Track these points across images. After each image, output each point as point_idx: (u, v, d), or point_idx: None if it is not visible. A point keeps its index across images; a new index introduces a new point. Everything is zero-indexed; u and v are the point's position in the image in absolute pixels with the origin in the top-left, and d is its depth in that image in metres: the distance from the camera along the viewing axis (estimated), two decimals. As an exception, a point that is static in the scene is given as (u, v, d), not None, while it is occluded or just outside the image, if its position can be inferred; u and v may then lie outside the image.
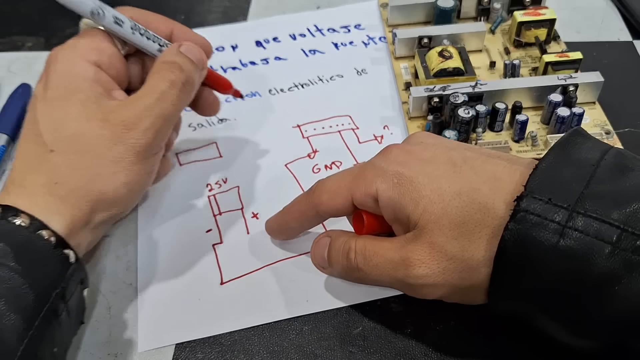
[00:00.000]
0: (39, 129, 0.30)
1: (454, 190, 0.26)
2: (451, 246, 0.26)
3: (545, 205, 0.24)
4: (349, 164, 0.39)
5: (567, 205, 0.23)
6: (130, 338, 0.32)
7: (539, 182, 0.24)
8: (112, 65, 0.32)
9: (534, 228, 0.23)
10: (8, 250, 0.26)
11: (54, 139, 0.29)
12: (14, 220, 0.27)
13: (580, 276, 0.23)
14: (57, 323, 0.27)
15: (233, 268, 0.34)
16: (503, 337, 0.30)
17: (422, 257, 0.27)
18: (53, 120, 0.30)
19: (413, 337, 0.31)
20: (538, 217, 0.23)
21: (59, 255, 0.28)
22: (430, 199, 0.27)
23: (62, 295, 0.27)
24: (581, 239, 0.23)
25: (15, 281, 0.25)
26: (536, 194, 0.24)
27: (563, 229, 0.23)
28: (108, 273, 0.35)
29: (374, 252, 0.28)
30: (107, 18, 0.31)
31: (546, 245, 0.23)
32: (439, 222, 0.26)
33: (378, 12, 0.50)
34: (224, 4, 0.52)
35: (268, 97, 0.44)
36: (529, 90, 0.38)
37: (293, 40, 0.48)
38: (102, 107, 0.30)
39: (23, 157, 0.30)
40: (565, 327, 0.25)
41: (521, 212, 0.24)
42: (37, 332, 0.25)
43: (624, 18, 0.47)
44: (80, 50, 0.31)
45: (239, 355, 0.31)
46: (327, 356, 0.30)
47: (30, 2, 0.54)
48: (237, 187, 0.38)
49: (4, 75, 0.48)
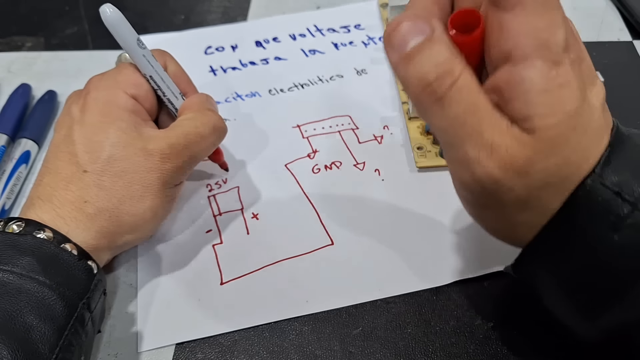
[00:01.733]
0: (75, 150, 0.31)
1: (582, 124, 0.22)
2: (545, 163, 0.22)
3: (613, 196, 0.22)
4: (349, 164, 0.39)
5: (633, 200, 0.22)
6: (131, 338, 0.32)
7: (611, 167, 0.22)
8: (148, 100, 0.34)
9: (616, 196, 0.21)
10: (35, 264, 0.27)
11: (89, 160, 0.30)
12: (38, 235, 0.28)
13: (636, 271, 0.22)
14: (84, 332, 0.28)
15: (233, 268, 0.34)
16: (503, 337, 0.30)
17: (518, 162, 0.21)
18: (91, 143, 0.31)
19: (413, 337, 0.31)
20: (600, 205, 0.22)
21: (84, 267, 0.29)
22: (568, 114, 0.21)
23: (87, 306, 0.28)
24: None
25: (44, 294, 0.27)
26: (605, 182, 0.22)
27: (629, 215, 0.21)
28: (108, 273, 0.35)
29: (475, 110, 0.22)
30: (146, 50, 0.33)
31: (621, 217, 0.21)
32: (558, 141, 0.21)
33: (378, 12, 0.50)
34: (224, 4, 0.52)
35: (268, 97, 0.44)
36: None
37: (293, 40, 0.48)
38: (140, 136, 0.32)
39: (54, 174, 0.31)
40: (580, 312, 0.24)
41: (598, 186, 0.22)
42: (66, 341, 0.26)
43: (624, 18, 0.47)
44: (121, 82, 0.33)
45: (239, 355, 0.31)
46: (327, 356, 0.30)
47: (30, 3, 0.54)
48: (237, 187, 0.38)
49: (3, 76, 0.48)
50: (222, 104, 0.44)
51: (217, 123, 0.34)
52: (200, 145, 0.33)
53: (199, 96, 0.36)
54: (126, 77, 0.34)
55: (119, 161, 0.31)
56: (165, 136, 0.32)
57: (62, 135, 0.32)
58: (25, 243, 0.28)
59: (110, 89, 0.33)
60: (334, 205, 0.37)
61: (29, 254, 0.27)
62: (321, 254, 0.35)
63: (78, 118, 0.32)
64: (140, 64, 0.33)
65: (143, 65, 0.33)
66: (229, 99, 0.44)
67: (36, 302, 0.26)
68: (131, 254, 0.35)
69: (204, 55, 0.48)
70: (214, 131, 0.34)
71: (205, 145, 0.34)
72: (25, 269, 0.27)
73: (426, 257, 0.34)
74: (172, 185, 0.33)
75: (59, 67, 0.48)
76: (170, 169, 0.32)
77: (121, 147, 0.31)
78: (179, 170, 0.32)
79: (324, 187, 0.38)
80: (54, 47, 0.50)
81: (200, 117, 0.34)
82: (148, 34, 0.50)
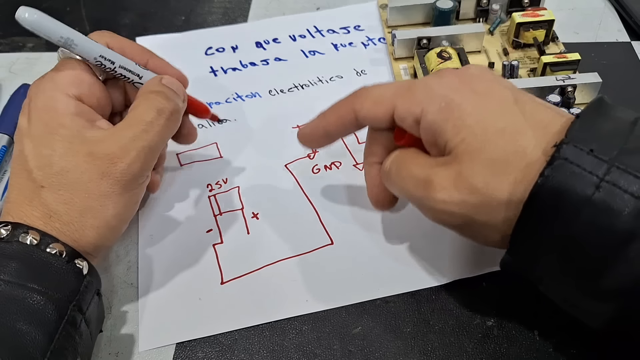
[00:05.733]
0: (29, 166, 0.30)
1: (498, 128, 0.26)
2: (477, 180, 0.26)
3: (586, 155, 0.23)
4: (348, 165, 0.39)
5: (608, 159, 0.23)
6: (131, 337, 0.32)
7: (580, 132, 0.24)
8: (93, 95, 0.32)
9: (571, 177, 0.23)
10: (23, 270, 0.27)
11: (44, 176, 0.29)
12: (25, 239, 0.28)
13: (610, 231, 0.23)
14: (77, 334, 0.28)
15: (233, 268, 0.34)
16: (501, 336, 0.30)
17: (445, 183, 0.26)
18: (40, 157, 0.30)
19: (412, 336, 0.31)
20: (577, 167, 0.23)
21: (73, 269, 0.28)
22: (472, 130, 0.26)
23: (78, 308, 0.28)
24: (617, 194, 0.22)
25: (33, 299, 0.26)
26: (578, 144, 0.24)
27: (600, 181, 0.23)
28: (108, 273, 0.35)
29: (405, 165, 0.29)
30: (79, 47, 0.31)
31: (581, 196, 0.23)
32: (474, 155, 0.26)
33: (377, 13, 0.50)
34: (225, 5, 0.53)
35: (268, 97, 0.44)
36: (527, 91, 0.38)
37: (293, 41, 0.49)
38: (86, 140, 0.30)
39: (17, 191, 0.30)
40: (581, 287, 0.25)
41: (560, 160, 0.23)
42: (58, 344, 0.26)
43: (622, 19, 0.47)
44: (60, 84, 0.31)
45: (239, 354, 0.31)
46: (327, 355, 0.31)
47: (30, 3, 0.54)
48: (237, 187, 0.39)
49: (4, 76, 0.48)
50: (223, 104, 0.44)
51: (160, 105, 0.31)
52: (149, 133, 0.30)
53: (149, 81, 0.33)
54: (65, 77, 0.31)
55: (70, 172, 0.29)
56: (110, 134, 0.30)
57: (17, 151, 0.31)
58: (12, 249, 0.27)
59: (49, 92, 0.31)
60: (334, 205, 0.37)
61: (16, 260, 0.27)
62: (321, 253, 0.35)
63: (25, 131, 0.31)
64: (82, 52, 0.31)
65: (85, 52, 0.31)
66: (229, 100, 0.44)
67: (25, 308, 0.26)
68: (131, 253, 0.36)
69: (204, 56, 0.48)
70: (159, 114, 0.31)
71: (155, 132, 0.31)
72: (12, 275, 0.27)
73: (425, 257, 0.34)
74: (135, 186, 0.31)
75: (59, 67, 0.48)
76: (125, 169, 0.30)
77: (69, 158, 0.29)
78: (136, 167, 0.30)
79: (324, 187, 0.38)
80: (55, 48, 0.49)
81: (142, 103, 0.31)
82: (148, 35, 0.50)
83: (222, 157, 0.40)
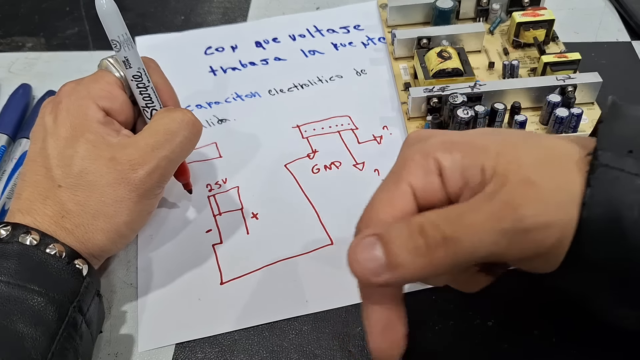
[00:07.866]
0: (49, 164, 0.30)
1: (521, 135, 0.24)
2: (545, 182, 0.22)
3: (625, 158, 0.21)
4: (348, 164, 0.39)
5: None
6: (131, 338, 0.32)
7: (608, 138, 0.22)
8: (122, 112, 0.33)
9: (616, 182, 0.21)
10: (23, 271, 0.27)
11: (63, 175, 0.30)
12: (25, 240, 0.28)
13: None
14: (78, 335, 0.28)
15: (233, 268, 0.34)
16: (501, 336, 0.30)
17: (523, 197, 0.21)
18: (63, 157, 0.30)
19: (412, 337, 0.31)
20: (621, 171, 0.21)
21: (72, 270, 0.29)
22: (497, 142, 0.23)
23: (79, 309, 0.28)
24: None
25: (33, 300, 0.26)
26: (612, 149, 0.22)
27: None
28: (108, 273, 0.35)
29: (459, 214, 0.22)
30: (131, 52, 0.32)
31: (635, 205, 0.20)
32: (520, 161, 0.22)
33: (377, 12, 0.50)
34: (224, 5, 0.52)
35: (268, 97, 0.44)
36: (527, 91, 0.39)
37: (293, 40, 0.48)
38: (110, 146, 0.31)
39: (31, 188, 0.30)
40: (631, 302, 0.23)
41: (601, 167, 0.21)
42: (59, 345, 0.26)
43: (622, 19, 0.47)
44: (94, 95, 0.32)
45: (239, 355, 0.31)
46: (327, 356, 0.31)
47: (30, 3, 0.54)
48: (237, 187, 0.39)
49: (4, 76, 0.48)
50: (222, 104, 0.44)
51: (186, 117, 0.32)
52: (172, 143, 0.31)
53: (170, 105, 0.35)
54: (100, 89, 0.32)
55: (90, 175, 0.30)
56: (133, 141, 0.31)
57: (37, 148, 0.31)
58: (11, 249, 0.27)
59: (82, 99, 0.32)
60: (334, 205, 0.37)
61: (15, 260, 0.27)
62: (321, 253, 0.35)
63: (51, 130, 0.31)
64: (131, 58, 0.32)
65: (132, 59, 0.32)
66: (228, 99, 0.44)
67: (26, 309, 0.26)
68: (131, 253, 0.36)
69: (204, 55, 0.48)
70: (184, 125, 0.32)
71: (177, 142, 0.31)
72: (13, 276, 0.27)
73: (425, 257, 0.34)
74: (150, 197, 0.31)
75: (59, 67, 0.48)
76: (143, 177, 0.30)
77: (91, 160, 0.30)
78: (155, 176, 0.31)
79: (323, 187, 0.38)
80: (55, 48, 0.50)
81: (168, 114, 0.32)
82: (148, 35, 0.50)
83: (221, 157, 0.40)
